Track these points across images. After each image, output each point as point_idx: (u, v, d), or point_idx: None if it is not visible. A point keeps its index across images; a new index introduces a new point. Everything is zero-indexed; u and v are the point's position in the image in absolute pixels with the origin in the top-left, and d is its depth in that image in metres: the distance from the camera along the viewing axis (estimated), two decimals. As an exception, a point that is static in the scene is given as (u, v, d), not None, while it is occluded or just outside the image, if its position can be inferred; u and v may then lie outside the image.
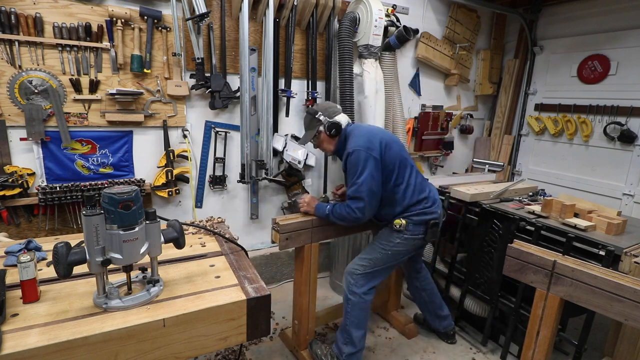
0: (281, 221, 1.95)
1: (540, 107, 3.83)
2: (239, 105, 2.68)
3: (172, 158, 2.55)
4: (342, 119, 2.05)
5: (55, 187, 2.21)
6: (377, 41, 2.90)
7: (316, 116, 2.03)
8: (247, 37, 2.52)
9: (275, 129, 2.89)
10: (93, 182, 2.35)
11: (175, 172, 2.56)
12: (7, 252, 1.35)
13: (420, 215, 2.01)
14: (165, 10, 2.37)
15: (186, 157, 2.64)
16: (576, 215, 2.18)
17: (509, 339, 2.33)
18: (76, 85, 2.22)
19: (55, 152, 2.26)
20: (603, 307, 1.45)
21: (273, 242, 2.01)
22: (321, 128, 2.03)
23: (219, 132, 2.74)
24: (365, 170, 1.85)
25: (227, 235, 1.62)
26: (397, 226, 2.00)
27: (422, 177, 2.11)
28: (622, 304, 1.39)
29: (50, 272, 1.24)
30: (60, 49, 2.14)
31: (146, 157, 2.54)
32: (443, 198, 2.48)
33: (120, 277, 1.17)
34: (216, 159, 2.77)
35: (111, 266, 1.05)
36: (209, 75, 2.56)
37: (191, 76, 2.53)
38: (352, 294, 2.05)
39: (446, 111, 3.83)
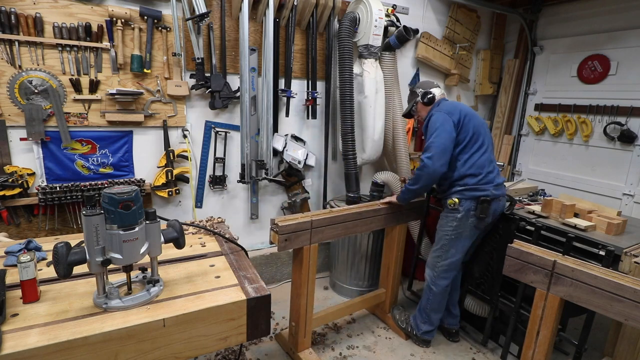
0: (280, 222, 1.92)
1: (540, 107, 3.83)
2: (239, 105, 2.68)
3: (172, 158, 2.55)
4: (437, 91, 2.29)
5: (55, 187, 2.21)
6: (377, 41, 2.90)
7: (414, 90, 2.36)
8: (247, 37, 2.52)
9: (275, 129, 2.89)
10: (93, 182, 2.35)
11: (175, 172, 2.56)
12: (7, 252, 1.35)
13: (471, 191, 2.12)
14: (165, 10, 2.37)
15: (186, 157, 2.64)
16: (576, 215, 2.18)
17: (509, 339, 2.33)
18: (76, 85, 2.22)
19: (55, 152, 2.26)
20: (603, 307, 1.45)
21: (271, 242, 1.99)
22: (418, 99, 2.31)
23: (219, 132, 2.74)
24: (441, 127, 2.07)
25: (227, 235, 1.62)
26: (451, 205, 2.17)
27: (491, 158, 2.21)
28: (622, 304, 1.39)
29: (50, 272, 1.24)
30: (60, 49, 2.14)
31: (146, 157, 2.54)
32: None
33: (120, 277, 1.17)
34: (216, 159, 2.77)
35: (111, 266, 1.05)
36: (209, 75, 2.56)
37: (191, 76, 2.53)
38: (435, 286, 2.30)
39: (446, 111, 3.83)
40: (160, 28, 2.38)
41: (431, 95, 2.26)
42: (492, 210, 2.16)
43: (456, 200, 2.15)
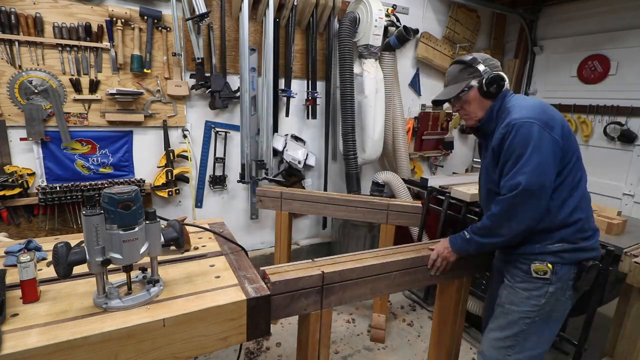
0: (261, 189, 2.43)
1: (540, 107, 3.82)
2: (239, 105, 2.68)
3: (172, 158, 2.55)
4: (505, 76, 1.43)
5: (55, 187, 2.21)
6: (377, 41, 2.90)
7: (474, 65, 1.42)
8: (247, 37, 2.52)
9: (275, 129, 2.89)
10: (93, 182, 2.35)
11: (175, 172, 2.56)
12: (7, 252, 1.35)
13: (575, 252, 1.37)
14: (165, 10, 2.37)
15: (186, 157, 2.64)
16: (576, 215, 2.17)
17: (509, 339, 2.32)
18: (76, 85, 2.22)
19: (55, 152, 2.26)
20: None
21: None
22: (474, 82, 1.42)
23: (219, 132, 2.74)
24: (538, 151, 1.27)
25: (227, 236, 1.62)
26: (540, 273, 1.38)
27: (586, 189, 1.45)
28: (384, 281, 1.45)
29: (50, 272, 1.24)
30: (60, 49, 2.14)
31: (146, 157, 2.54)
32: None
33: (120, 277, 1.17)
34: (216, 159, 2.77)
35: (111, 266, 1.05)
36: (209, 75, 2.56)
37: (191, 76, 2.53)
38: None
39: (446, 111, 3.83)
40: (160, 28, 2.38)
41: (502, 80, 1.41)
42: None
43: (549, 267, 1.37)
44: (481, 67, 1.42)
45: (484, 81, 1.40)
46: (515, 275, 1.47)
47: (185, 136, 2.63)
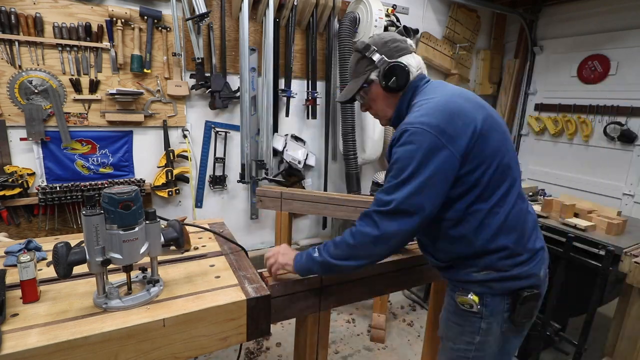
0: (260, 188, 2.33)
1: (540, 107, 3.83)
2: (239, 105, 2.68)
3: (172, 158, 2.55)
4: (412, 61, 1.15)
5: (55, 187, 2.21)
6: (377, 41, 2.90)
7: (367, 54, 1.16)
8: (247, 37, 2.52)
9: (275, 129, 2.89)
10: (93, 182, 2.35)
11: (175, 172, 2.56)
12: (7, 252, 1.35)
13: (505, 281, 1.08)
14: (165, 10, 2.37)
15: (186, 157, 2.64)
16: (576, 215, 2.18)
17: (509, 339, 2.32)
18: (76, 85, 2.22)
19: (55, 152, 2.26)
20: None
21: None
22: (374, 76, 1.17)
23: (219, 132, 2.74)
24: (425, 167, 0.99)
25: (227, 236, 1.62)
26: (466, 306, 1.13)
27: (523, 201, 1.15)
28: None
29: (50, 272, 1.24)
30: (60, 49, 2.15)
31: (146, 157, 2.54)
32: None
33: (120, 277, 1.17)
34: (216, 159, 2.77)
35: (111, 266, 1.05)
36: (209, 75, 2.56)
37: (191, 76, 2.53)
38: None
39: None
40: (160, 28, 2.38)
41: (403, 71, 1.12)
42: (539, 304, 1.15)
43: (474, 298, 1.11)
44: (376, 57, 1.14)
45: (380, 74, 1.14)
46: (448, 303, 1.22)
47: (185, 136, 2.63)
